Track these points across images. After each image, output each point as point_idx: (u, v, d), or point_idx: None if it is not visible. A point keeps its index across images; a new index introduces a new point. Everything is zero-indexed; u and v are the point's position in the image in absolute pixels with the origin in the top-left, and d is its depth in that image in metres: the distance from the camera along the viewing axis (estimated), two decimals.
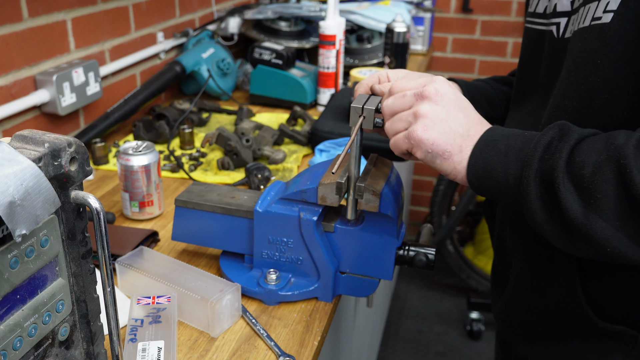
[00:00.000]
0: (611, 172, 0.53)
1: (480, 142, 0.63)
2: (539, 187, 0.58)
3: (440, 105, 0.65)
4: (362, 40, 1.94)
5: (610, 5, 0.60)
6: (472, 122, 0.65)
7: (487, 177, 0.62)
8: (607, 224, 0.54)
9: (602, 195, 0.54)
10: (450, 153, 0.64)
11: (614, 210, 0.53)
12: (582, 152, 0.56)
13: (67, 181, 0.51)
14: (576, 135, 0.58)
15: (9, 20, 1.11)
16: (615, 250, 0.54)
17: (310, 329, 0.79)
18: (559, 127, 0.60)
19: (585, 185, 0.55)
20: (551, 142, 0.59)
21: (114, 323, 0.57)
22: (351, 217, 0.78)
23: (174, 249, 0.96)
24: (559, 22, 0.69)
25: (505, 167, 0.60)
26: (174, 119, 1.43)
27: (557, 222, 0.58)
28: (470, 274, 2.67)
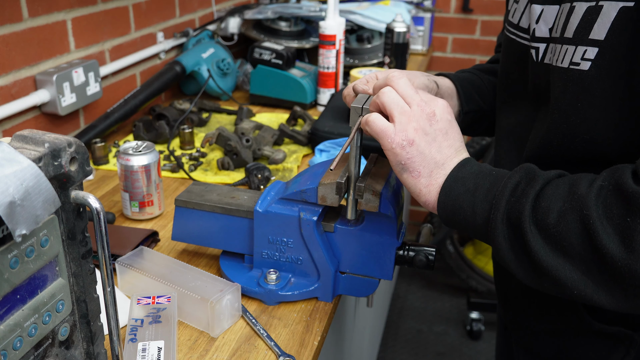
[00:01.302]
0: (575, 222, 0.55)
1: (450, 178, 0.64)
2: (507, 229, 0.59)
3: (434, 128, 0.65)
4: (362, 40, 1.94)
5: (587, 53, 0.61)
6: (450, 152, 0.66)
7: (456, 213, 0.63)
8: (574, 268, 0.55)
9: (567, 243, 0.55)
10: (420, 174, 0.65)
11: (580, 256, 0.55)
12: (547, 198, 0.58)
13: (67, 181, 0.51)
14: (541, 180, 0.60)
15: (9, 20, 1.11)
16: (582, 294, 0.56)
17: (310, 329, 0.79)
18: (525, 171, 0.61)
19: (551, 232, 0.56)
20: (517, 185, 0.60)
21: (114, 323, 0.57)
22: (351, 217, 0.78)
23: (174, 249, 0.96)
24: (538, 47, 0.70)
25: (473, 207, 0.62)
26: (174, 119, 1.43)
27: (525, 263, 0.59)
28: (470, 274, 2.67)
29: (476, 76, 0.94)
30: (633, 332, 0.70)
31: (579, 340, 0.74)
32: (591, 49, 0.61)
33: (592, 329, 0.71)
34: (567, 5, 0.64)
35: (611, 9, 0.58)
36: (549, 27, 0.68)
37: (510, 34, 0.79)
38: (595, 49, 0.60)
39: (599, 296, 0.55)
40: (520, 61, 0.76)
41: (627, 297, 0.54)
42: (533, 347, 0.81)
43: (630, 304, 0.54)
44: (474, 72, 0.96)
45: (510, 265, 0.60)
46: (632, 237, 0.51)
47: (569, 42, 0.63)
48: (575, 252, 0.55)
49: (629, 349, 0.71)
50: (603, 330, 0.71)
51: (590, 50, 0.61)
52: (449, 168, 0.65)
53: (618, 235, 0.52)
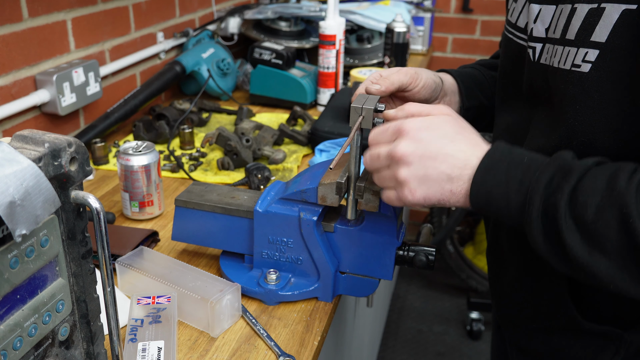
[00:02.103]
0: (614, 219, 0.54)
1: (481, 170, 0.62)
2: (542, 224, 0.59)
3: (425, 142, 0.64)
4: (362, 40, 1.94)
5: (588, 56, 0.61)
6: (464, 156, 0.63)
7: (490, 204, 0.62)
8: (610, 262, 0.55)
9: (605, 239, 0.55)
10: (444, 199, 0.64)
11: (618, 252, 0.54)
12: (584, 191, 0.57)
13: (67, 181, 0.51)
14: (577, 172, 0.58)
15: (9, 20, 1.11)
16: (618, 288, 0.56)
17: (310, 329, 0.79)
18: (559, 163, 0.60)
19: (588, 228, 0.56)
20: (552, 179, 0.59)
21: (114, 323, 0.57)
22: (351, 217, 0.78)
23: (174, 249, 0.96)
24: (535, 47, 0.70)
25: (507, 199, 0.61)
26: (174, 119, 1.43)
27: (560, 255, 0.59)
28: (470, 274, 2.67)
29: (478, 71, 0.94)
30: (623, 331, 0.70)
31: (570, 338, 0.75)
32: (592, 51, 0.61)
33: (583, 328, 0.72)
34: (567, 6, 0.64)
35: (613, 11, 0.58)
36: (545, 27, 0.68)
37: (509, 33, 0.79)
38: (596, 52, 0.60)
39: (636, 290, 0.55)
40: (517, 60, 0.76)
41: None
42: (525, 345, 0.82)
43: None
44: (477, 67, 0.96)
45: (546, 256, 0.60)
46: None
47: (571, 44, 0.63)
48: (613, 248, 0.54)
49: (619, 348, 0.71)
50: (593, 329, 0.71)
51: (591, 52, 0.61)
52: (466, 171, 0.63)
53: None
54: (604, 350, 0.72)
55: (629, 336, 0.70)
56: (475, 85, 0.92)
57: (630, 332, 0.70)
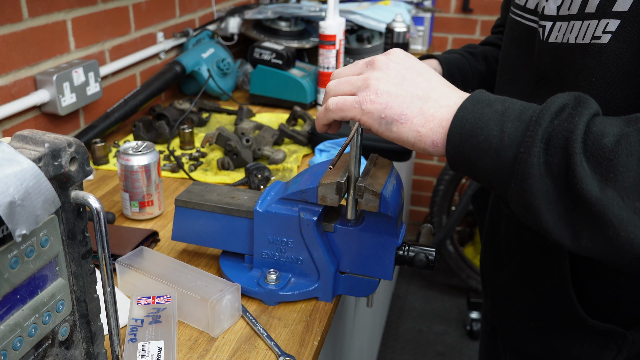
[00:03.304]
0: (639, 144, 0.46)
1: (473, 99, 0.56)
2: (544, 152, 0.50)
3: (393, 70, 0.60)
4: (362, 40, 1.94)
5: (609, 26, 0.59)
6: (434, 85, 0.59)
7: (476, 134, 0.54)
8: (624, 204, 0.46)
9: (625, 169, 0.46)
10: (407, 116, 0.57)
11: (637, 189, 0.46)
12: (600, 123, 0.50)
13: (67, 181, 0.51)
14: (595, 106, 0.52)
15: (9, 20, 1.11)
16: (630, 236, 0.46)
17: (310, 329, 0.79)
18: (574, 95, 0.53)
19: (605, 156, 0.47)
20: (564, 107, 0.52)
21: (114, 323, 0.57)
22: (351, 217, 0.78)
23: (174, 249, 0.96)
24: (545, 25, 0.69)
25: (502, 126, 0.53)
26: (174, 119, 1.43)
27: (557, 195, 0.50)
28: (470, 274, 2.67)
29: (465, 60, 0.93)
30: (626, 330, 0.69)
31: (570, 338, 0.74)
32: (613, 22, 0.59)
33: (586, 326, 0.71)
34: None
35: None
36: (557, 4, 0.66)
37: (516, 16, 0.77)
38: (617, 21, 0.58)
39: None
40: (524, 42, 0.75)
41: None
42: (522, 346, 0.81)
43: None
44: (464, 54, 0.94)
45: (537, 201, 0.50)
46: None
47: (591, 17, 0.61)
48: (632, 181, 0.46)
49: (621, 348, 0.70)
50: (596, 328, 0.70)
51: (612, 22, 0.59)
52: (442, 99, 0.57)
53: None
54: (605, 350, 0.71)
55: (632, 335, 0.69)
56: (459, 73, 0.90)
57: (633, 330, 0.69)
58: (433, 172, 3.00)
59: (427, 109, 0.57)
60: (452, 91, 0.60)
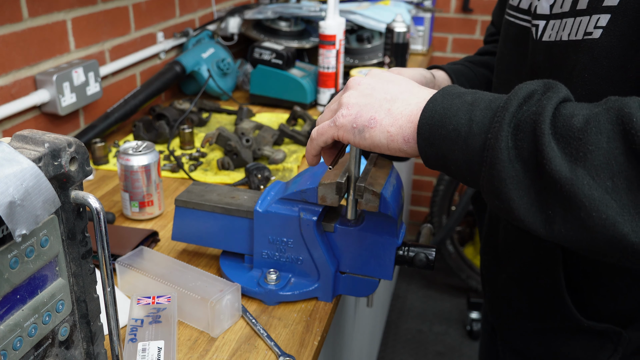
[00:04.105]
0: (609, 122, 0.46)
1: (443, 91, 0.56)
2: (512, 136, 0.50)
3: (364, 85, 0.61)
4: (362, 40, 1.94)
5: (600, 21, 0.59)
6: (404, 87, 0.60)
7: (445, 124, 0.53)
8: (595, 183, 0.45)
9: (594, 147, 0.45)
10: (376, 119, 0.58)
11: (607, 167, 0.45)
12: (570, 106, 0.49)
13: (67, 181, 0.51)
14: (565, 91, 0.51)
15: (9, 20, 1.11)
16: (602, 216, 0.45)
17: (310, 329, 0.79)
18: (543, 82, 0.53)
19: (574, 135, 0.47)
20: (534, 92, 0.52)
21: (114, 323, 0.57)
22: (351, 217, 0.78)
23: (174, 249, 0.96)
24: (538, 25, 0.69)
25: (471, 114, 0.52)
26: (174, 119, 1.43)
27: (528, 180, 0.49)
28: (470, 274, 2.67)
29: (468, 69, 0.94)
30: (622, 329, 0.70)
31: (567, 338, 0.74)
32: (604, 16, 0.59)
33: (581, 327, 0.71)
34: None
35: None
36: (550, 3, 0.67)
37: (510, 17, 0.78)
38: (607, 16, 0.58)
39: (624, 221, 0.44)
40: (518, 42, 0.75)
41: None
42: (521, 347, 0.81)
43: None
44: (466, 64, 0.95)
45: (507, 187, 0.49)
46: None
47: (583, 14, 0.61)
48: (602, 160, 0.45)
49: (617, 346, 0.71)
50: (592, 328, 0.71)
51: (603, 17, 0.59)
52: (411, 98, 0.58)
53: None
54: (602, 350, 0.72)
55: (628, 333, 0.70)
56: (467, 82, 0.91)
57: (630, 329, 0.70)
58: (433, 172, 3.00)
59: (395, 108, 0.58)
60: (422, 90, 0.60)
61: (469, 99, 0.54)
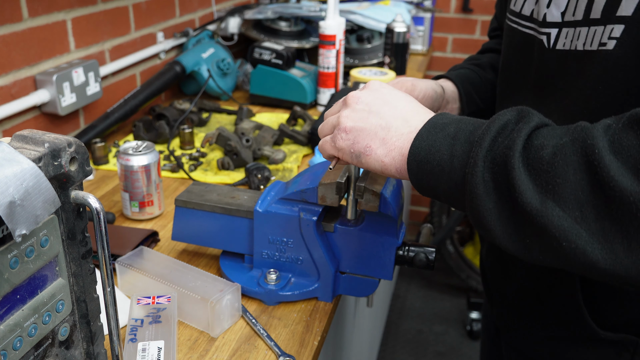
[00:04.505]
0: (575, 154, 0.47)
1: (429, 125, 0.58)
2: (488, 170, 0.51)
3: (361, 105, 0.63)
4: (362, 40, 1.94)
5: (614, 32, 0.58)
6: (398, 113, 0.62)
7: (430, 160, 0.56)
8: (564, 214, 0.47)
9: (561, 179, 0.47)
10: (372, 148, 0.60)
11: (575, 198, 0.46)
12: (542, 136, 0.51)
13: (67, 181, 0.51)
14: (537, 119, 0.53)
15: (9, 20, 1.11)
16: (572, 246, 0.46)
17: (310, 329, 0.79)
18: (517, 110, 0.54)
19: (543, 168, 0.48)
20: (507, 124, 0.53)
21: (114, 323, 0.57)
22: (351, 217, 0.78)
23: (174, 249, 0.96)
24: (549, 33, 0.67)
25: (452, 150, 0.55)
26: (174, 119, 1.43)
27: (505, 212, 0.51)
28: (470, 274, 2.67)
29: (475, 73, 0.93)
30: (638, 337, 0.68)
31: (582, 347, 0.72)
32: (617, 27, 0.57)
33: (597, 337, 0.69)
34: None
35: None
36: (561, 10, 0.65)
37: (512, 23, 0.76)
38: (621, 27, 0.57)
39: (593, 249, 0.46)
40: (522, 51, 0.73)
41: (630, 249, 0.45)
42: (531, 355, 0.80)
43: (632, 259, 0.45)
44: (472, 68, 0.94)
45: (486, 219, 0.51)
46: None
47: (596, 23, 0.60)
48: (570, 191, 0.46)
49: (634, 356, 0.69)
50: (608, 338, 0.69)
51: (617, 28, 0.57)
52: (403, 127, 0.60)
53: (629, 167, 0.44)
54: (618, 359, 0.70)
55: None
56: (473, 89, 0.90)
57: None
58: None
59: (389, 138, 0.60)
60: (414, 116, 0.61)
61: (452, 132, 0.56)
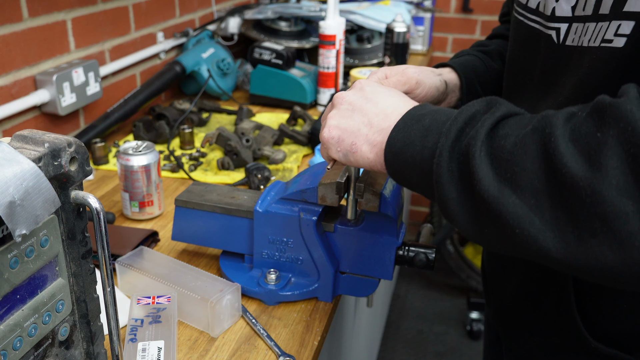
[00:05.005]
0: (534, 143, 0.48)
1: (406, 117, 0.59)
2: (453, 160, 0.52)
3: (345, 104, 0.64)
4: (362, 40, 1.94)
5: (622, 28, 0.56)
6: (380, 108, 0.62)
7: (404, 151, 0.57)
8: (520, 201, 0.48)
9: (519, 168, 0.48)
10: (357, 145, 0.62)
11: (531, 186, 0.47)
12: (508, 125, 0.51)
13: (67, 181, 0.51)
14: (505, 109, 0.53)
15: (9, 20, 1.11)
16: (525, 233, 0.47)
17: (310, 329, 0.79)
18: (486, 101, 0.55)
19: (504, 157, 0.49)
20: (475, 114, 0.54)
21: (114, 323, 0.57)
22: (351, 217, 0.78)
23: (174, 249, 0.96)
24: (559, 28, 0.65)
25: (424, 141, 0.55)
26: (174, 119, 1.43)
27: (467, 199, 0.52)
28: (470, 274, 2.67)
29: (480, 61, 0.90)
30: (630, 355, 0.67)
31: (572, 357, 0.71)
32: (626, 23, 0.55)
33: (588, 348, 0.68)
34: None
35: None
36: (571, 4, 0.63)
37: (518, 15, 0.74)
38: (631, 23, 0.54)
39: (545, 238, 0.46)
40: (528, 45, 0.71)
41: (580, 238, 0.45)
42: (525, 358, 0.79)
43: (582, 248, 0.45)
44: (478, 55, 0.92)
45: (450, 207, 0.53)
46: (599, 152, 0.44)
47: (604, 19, 0.58)
48: (526, 180, 0.47)
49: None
50: (599, 351, 0.67)
51: (625, 24, 0.55)
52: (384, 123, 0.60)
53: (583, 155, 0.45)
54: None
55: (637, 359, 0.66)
56: (476, 77, 0.87)
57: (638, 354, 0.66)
58: None
59: (372, 134, 0.61)
60: (395, 110, 0.62)
61: (426, 123, 0.57)
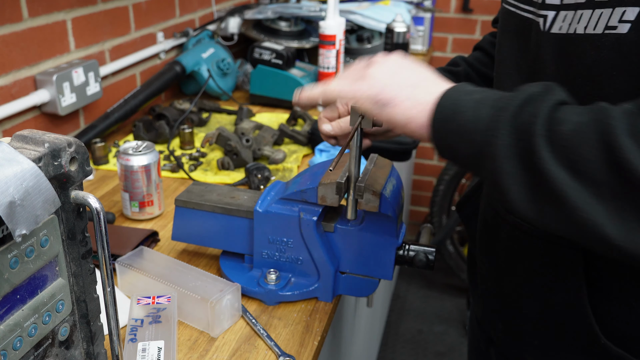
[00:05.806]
0: (593, 133, 0.48)
1: (456, 88, 0.60)
2: (512, 135, 0.53)
3: (389, 63, 0.65)
4: (362, 40, 1.94)
5: (626, 14, 0.56)
6: (424, 76, 0.64)
7: (455, 119, 0.57)
8: (581, 187, 0.48)
9: (579, 157, 0.49)
10: (398, 99, 0.62)
11: (592, 176, 0.48)
12: (565, 111, 0.52)
13: (67, 181, 0.51)
14: (563, 94, 0.54)
15: (9, 20, 1.11)
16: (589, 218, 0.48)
17: (310, 329, 0.79)
18: (543, 84, 0.56)
19: (561, 142, 0.50)
20: (534, 94, 0.54)
21: (114, 323, 0.57)
22: (351, 217, 0.78)
23: (174, 249, 0.96)
24: (547, 15, 0.65)
25: (477, 112, 0.56)
26: (174, 119, 1.43)
27: (524, 176, 0.52)
28: None
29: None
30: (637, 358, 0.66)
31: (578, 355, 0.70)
32: (631, 9, 0.55)
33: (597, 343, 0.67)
34: None
35: None
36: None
37: (510, 7, 0.74)
38: (635, 9, 0.55)
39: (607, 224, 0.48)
40: (519, 35, 0.71)
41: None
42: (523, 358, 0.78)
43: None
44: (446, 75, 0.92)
45: (504, 181, 0.53)
46: None
47: (604, 6, 0.58)
48: (586, 168, 0.48)
49: None
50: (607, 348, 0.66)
51: (630, 10, 0.55)
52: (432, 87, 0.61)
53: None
54: None
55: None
56: None
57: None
58: (433, 172, 2.99)
59: (417, 94, 0.61)
60: (442, 81, 0.63)
61: (477, 97, 0.58)
